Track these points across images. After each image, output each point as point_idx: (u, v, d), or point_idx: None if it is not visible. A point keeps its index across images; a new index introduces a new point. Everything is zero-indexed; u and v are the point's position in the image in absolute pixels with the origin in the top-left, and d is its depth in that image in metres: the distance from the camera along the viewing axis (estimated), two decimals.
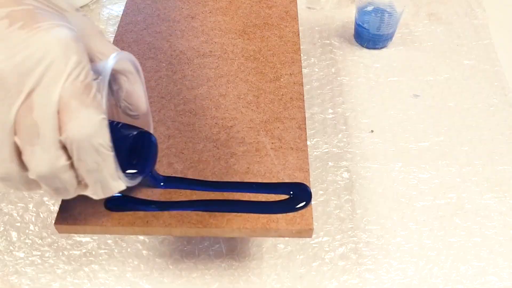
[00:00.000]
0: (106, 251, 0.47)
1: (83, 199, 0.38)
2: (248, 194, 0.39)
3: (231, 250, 0.47)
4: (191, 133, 0.44)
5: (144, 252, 0.47)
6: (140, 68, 0.34)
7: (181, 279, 0.45)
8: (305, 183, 0.40)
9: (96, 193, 0.30)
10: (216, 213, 0.38)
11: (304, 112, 0.45)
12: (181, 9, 0.56)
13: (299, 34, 0.52)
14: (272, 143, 0.43)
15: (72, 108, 0.26)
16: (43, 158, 0.27)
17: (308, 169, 0.41)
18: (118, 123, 0.36)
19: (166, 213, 0.38)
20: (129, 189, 0.40)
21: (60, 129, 0.26)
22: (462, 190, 0.51)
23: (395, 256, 0.47)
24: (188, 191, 0.40)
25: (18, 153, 0.27)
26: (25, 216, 0.49)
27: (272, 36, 0.52)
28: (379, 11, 0.62)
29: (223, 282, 0.45)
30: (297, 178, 0.41)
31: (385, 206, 0.50)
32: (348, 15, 0.71)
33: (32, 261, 0.47)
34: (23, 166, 0.27)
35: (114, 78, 0.33)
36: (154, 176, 0.39)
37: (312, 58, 0.65)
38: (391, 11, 0.62)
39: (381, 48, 0.66)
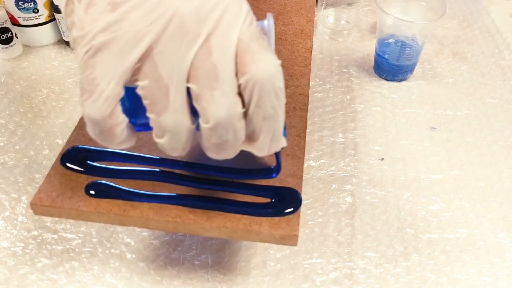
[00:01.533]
0: (89, 249, 0.45)
1: (65, 183, 0.38)
2: (234, 194, 0.37)
3: (218, 262, 0.44)
4: None
5: (128, 254, 0.45)
6: (273, 26, 0.33)
7: (161, 285, 0.43)
8: (296, 189, 0.38)
9: (263, 147, 0.29)
10: (197, 209, 0.36)
11: (306, 122, 0.43)
12: None
13: (311, 51, 0.52)
14: None
15: (253, 50, 0.26)
16: (223, 103, 0.26)
17: (302, 176, 0.39)
18: None
19: (145, 204, 0.36)
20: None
21: (237, 73, 0.26)
22: (474, 226, 0.47)
23: (393, 287, 0.43)
24: (172, 185, 0.38)
25: (189, 103, 0.27)
26: (16, 207, 0.49)
27: (283, 51, 0.52)
28: (399, 42, 0.61)
29: None
30: (289, 183, 0.38)
31: (388, 234, 0.47)
32: (369, 49, 0.70)
33: (14, 252, 0.45)
34: (191, 118, 0.27)
35: None
36: None
37: (328, 84, 0.63)
38: (413, 43, 0.60)
39: (400, 80, 0.65)
